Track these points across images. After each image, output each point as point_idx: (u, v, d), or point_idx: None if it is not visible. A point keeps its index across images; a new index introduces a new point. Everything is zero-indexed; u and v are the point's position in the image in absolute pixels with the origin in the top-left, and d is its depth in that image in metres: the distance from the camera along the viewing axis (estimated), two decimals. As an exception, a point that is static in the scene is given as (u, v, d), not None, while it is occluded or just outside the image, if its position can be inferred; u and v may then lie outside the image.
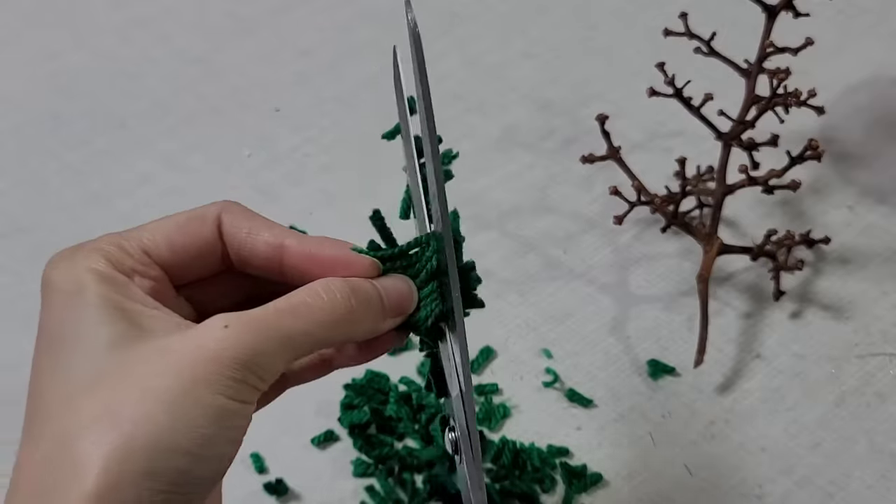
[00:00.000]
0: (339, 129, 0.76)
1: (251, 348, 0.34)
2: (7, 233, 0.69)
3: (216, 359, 0.33)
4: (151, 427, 0.32)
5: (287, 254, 0.38)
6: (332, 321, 0.36)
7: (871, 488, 0.55)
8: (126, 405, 0.32)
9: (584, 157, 0.62)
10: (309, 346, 0.36)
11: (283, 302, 0.36)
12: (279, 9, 0.85)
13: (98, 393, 0.33)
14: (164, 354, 0.34)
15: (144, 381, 0.33)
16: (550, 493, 0.55)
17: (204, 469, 0.33)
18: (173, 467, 0.32)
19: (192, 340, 0.34)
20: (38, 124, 0.77)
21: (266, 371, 0.34)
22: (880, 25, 0.80)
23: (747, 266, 0.64)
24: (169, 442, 0.32)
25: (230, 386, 0.33)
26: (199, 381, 0.33)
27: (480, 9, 0.84)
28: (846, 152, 0.71)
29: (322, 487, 0.56)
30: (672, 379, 0.60)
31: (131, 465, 0.32)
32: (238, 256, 0.39)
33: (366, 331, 0.38)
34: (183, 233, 0.38)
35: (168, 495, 0.32)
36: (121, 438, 0.32)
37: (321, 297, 0.36)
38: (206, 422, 0.33)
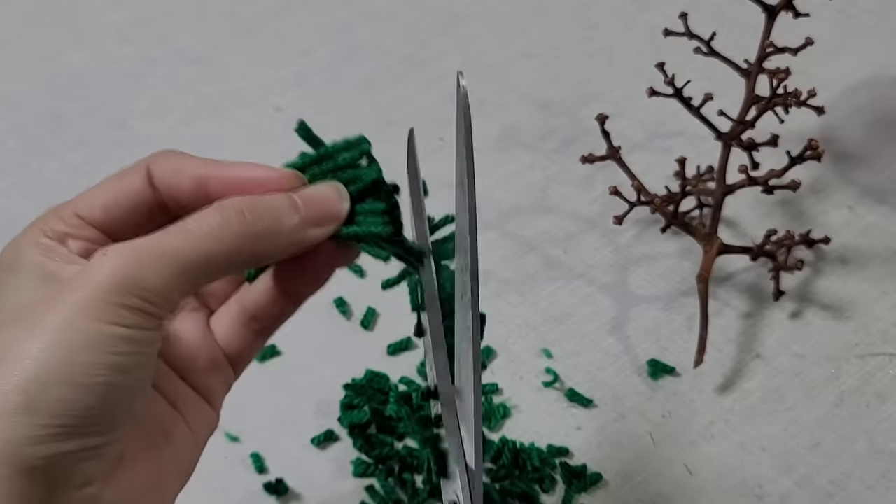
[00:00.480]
0: (339, 128, 0.75)
1: (131, 272, 0.33)
2: (7, 233, 0.69)
3: (93, 284, 0.33)
4: (27, 362, 0.32)
5: (210, 185, 0.38)
6: (227, 237, 0.35)
7: (870, 488, 0.55)
8: (15, 346, 0.32)
9: (584, 157, 0.62)
10: (206, 264, 0.35)
11: (174, 225, 0.35)
12: (279, 9, 0.85)
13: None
14: (56, 293, 0.33)
15: (34, 319, 0.33)
16: (550, 493, 0.55)
17: (93, 399, 0.32)
18: (52, 399, 0.31)
19: (77, 274, 0.34)
20: (38, 124, 0.77)
21: (155, 294, 0.33)
22: (880, 25, 0.80)
23: (747, 266, 0.64)
24: (45, 374, 0.32)
25: (110, 311, 0.32)
26: (76, 308, 0.32)
27: (480, 9, 0.84)
28: (846, 152, 0.71)
29: (322, 487, 0.56)
30: (672, 379, 0.60)
31: (6, 401, 0.31)
32: (171, 200, 0.38)
33: (282, 242, 0.37)
34: (114, 189, 0.39)
35: (52, 429, 0.32)
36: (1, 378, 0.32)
37: (213, 215, 0.35)
38: (84, 348, 0.32)
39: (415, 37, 0.82)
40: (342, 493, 0.56)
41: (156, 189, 0.38)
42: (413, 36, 0.82)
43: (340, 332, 0.63)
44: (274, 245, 0.37)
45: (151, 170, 0.39)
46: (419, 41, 0.81)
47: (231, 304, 0.41)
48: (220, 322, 0.41)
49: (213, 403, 0.40)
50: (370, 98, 0.77)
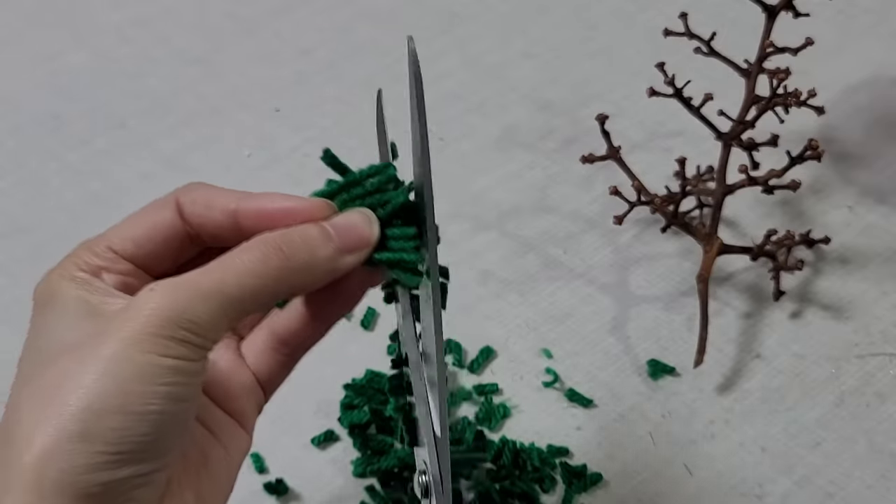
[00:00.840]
0: (339, 129, 0.76)
1: (179, 306, 0.34)
2: (7, 233, 0.69)
3: (142, 318, 0.34)
4: (84, 390, 0.33)
5: (241, 216, 0.39)
6: (266, 272, 0.36)
7: (870, 488, 0.55)
8: (67, 377, 0.33)
9: (584, 157, 0.62)
10: (248, 298, 0.36)
11: (216, 262, 0.36)
12: (279, 9, 0.85)
13: (46, 373, 0.34)
14: (105, 326, 0.35)
15: (84, 351, 0.34)
16: (550, 493, 0.55)
17: (142, 427, 0.33)
18: (106, 427, 0.33)
19: (126, 308, 0.35)
20: (38, 124, 0.77)
21: (201, 327, 0.34)
22: (880, 25, 0.80)
23: (747, 266, 0.64)
24: (99, 403, 0.33)
25: (160, 343, 0.34)
26: (127, 341, 0.33)
27: (480, 9, 0.84)
28: (846, 152, 0.71)
29: (322, 487, 0.56)
30: (672, 379, 0.60)
31: (63, 430, 0.32)
32: (204, 232, 0.39)
33: (320, 272, 0.38)
34: (144, 223, 0.39)
35: (108, 456, 0.33)
36: (55, 406, 0.33)
37: (253, 251, 0.36)
38: (137, 379, 0.33)
39: (415, 37, 0.81)
40: (342, 493, 0.56)
41: (187, 222, 0.39)
42: (413, 36, 0.82)
43: (340, 332, 0.63)
44: (311, 276, 0.38)
45: (181, 203, 0.39)
46: (419, 41, 0.81)
47: (261, 329, 0.42)
48: (251, 347, 0.42)
49: (245, 427, 0.41)
50: (370, 98, 0.77)
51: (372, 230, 0.39)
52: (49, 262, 0.68)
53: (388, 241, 0.40)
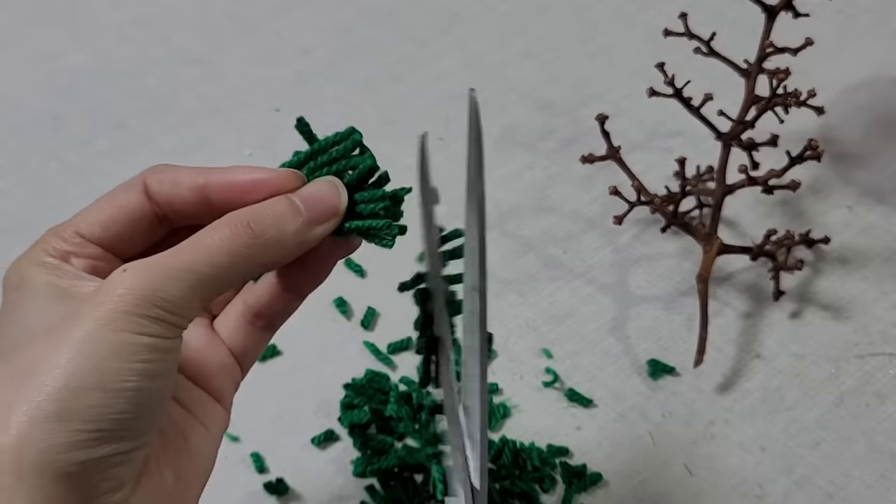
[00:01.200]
0: (339, 129, 0.75)
1: (151, 285, 0.34)
2: (7, 233, 0.69)
3: (116, 298, 0.34)
4: (60, 371, 0.33)
5: (210, 191, 0.39)
6: (237, 249, 0.36)
7: (870, 488, 0.55)
8: (41, 359, 0.34)
9: (584, 157, 0.62)
10: (217, 275, 0.36)
11: (187, 241, 0.36)
12: (279, 9, 0.85)
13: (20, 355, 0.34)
14: (77, 308, 0.35)
15: (57, 334, 0.34)
16: (550, 492, 0.55)
17: (123, 404, 0.33)
18: (84, 405, 0.33)
19: (97, 290, 0.35)
20: (39, 124, 0.77)
21: (175, 305, 0.35)
22: (880, 25, 0.80)
23: (747, 266, 0.64)
24: (76, 382, 0.33)
25: (134, 321, 0.34)
26: (101, 321, 0.34)
27: (480, 9, 0.84)
28: (846, 152, 0.71)
29: (322, 487, 0.56)
30: (672, 379, 0.60)
31: (40, 411, 0.33)
32: (172, 211, 0.39)
33: (290, 246, 0.38)
34: (111, 207, 0.39)
35: (88, 434, 0.33)
36: (30, 388, 0.33)
37: (222, 230, 0.37)
38: (112, 357, 0.33)
39: (415, 37, 0.82)
40: (342, 493, 0.56)
41: (154, 202, 0.39)
42: (413, 36, 0.82)
43: (340, 332, 0.63)
44: (281, 251, 0.38)
45: (148, 184, 0.39)
46: (419, 41, 0.81)
47: (235, 303, 0.42)
48: (226, 322, 0.42)
49: (223, 402, 0.41)
50: (370, 98, 0.77)
51: (340, 198, 0.39)
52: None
53: (358, 206, 0.39)
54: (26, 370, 0.34)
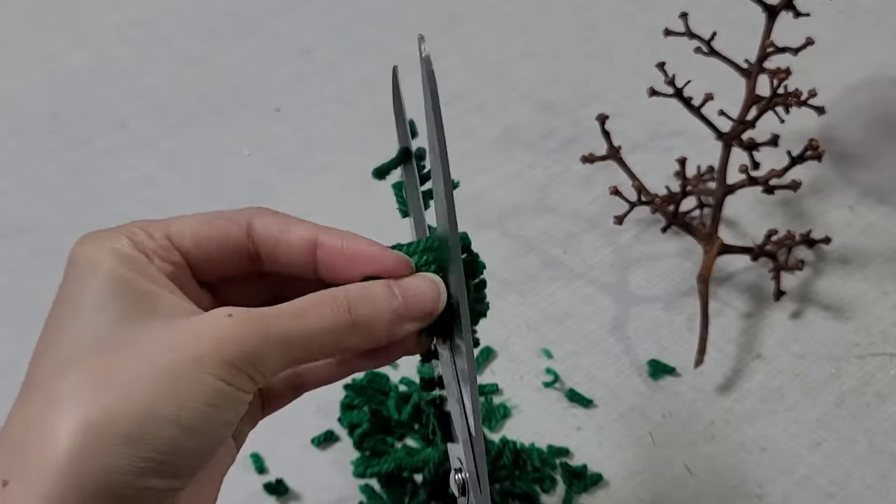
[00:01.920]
0: (339, 129, 0.76)
1: (250, 340, 0.34)
2: (7, 233, 0.69)
3: (217, 341, 0.34)
4: (142, 394, 0.33)
5: (320, 248, 0.39)
6: (331, 328, 0.36)
7: (871, 488, 0.54)
8: (120, 372, 0.33)
9: (584, 157, 0.62)
10: (308, 349, 0.36)
11: (289, 305, 0.36)
12: (279, 9, 0.85)
13: (96, 359, 0.34)
14: (167, 332, 0.34)
15: (143, 352, 0.34)
16: (550, 493, 0.55)
17: (189, 442, 0.33)
18: (159, 435, 0.33)
19: (196, 323, 0.35)
20: (38, 124, 0.77)
21: (263, 364, 0.35)
22: (880, 25, 0.80)
23: (747, 266, 0.64)
24: (159, 410, 0.33)
25: (226, 370, 0.34)
26: (198, 360, 0.34)
27: (480, 9, 0.84)
28: (846, 152, 0.71)
29: (322, 487, 0.56)
30: (672, 379, 0.60)
31: (112, 428, 0.32)
32: (271, 254, 0.39)
33: (379, 337, 0.38)
34: (208, 227, 0.39)
35: (151, 463, 0.33)
36: (106, 401, 0.32)
37: (324, 304, 0.37)
38: (199, 397, 0.33)
39: (415, 37, 0.82)
40: (342, 493, 0.56)
41: (254, 242, 0.39)
42: (413, 36, 0.81)
43: (340, 332, 0.63)
44: (371, 339, 0.38)
45: (254, 223, 0.39)
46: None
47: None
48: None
49: (238, 441, 0.41)
50: (370, 98, 0.77)
51: (438, 300, 0.39)
52: (50, 261, 0.68)
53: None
54: (100, 378, 0.33)
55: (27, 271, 0.67)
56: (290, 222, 0.39)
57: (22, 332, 0.62)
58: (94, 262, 0.36)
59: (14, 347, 0.63)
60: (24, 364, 0.36)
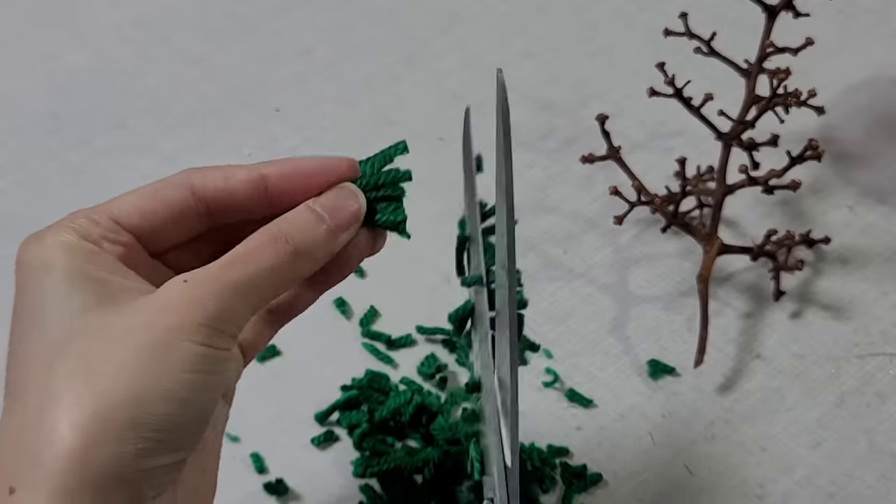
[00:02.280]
0: (339, 129, 0.76)
1: (212, 298, 0.35)
2: (7, 232, 0.69)
3: (183, 308, 0.35)
4: (132, 377, 0.33)
5: (270, 182, 0.40)
6: (277, 264, 0.37)
7: (871, 488, 0.55)
8: (103, 360, 0.33)
9: (584, 157, 0.62)
10: (266, 289, 0.37)
11: (233, 253, 0.37)
12: (279, 9, 0.85)
13: (73, 352, 0.34)
14: (134, 313, 0.35)
15: (117, 337, 0.34)
16: (550, 493, 0.55)
17: (188, 413, 0.34)
18: (159, 413, 0.33)
19: (158, 296, 0.35)
20: (38, 124, 0.77)
21: (233, 317, 0.36)
22: (881, 25, 0.80)
23: (747, 266, 0.64)
24: (152, 389, 0.33)
25: (201, 333, 0.34)
26: (171, 331, 0.34)
27: (480, 9, 0.84)
28: (846, 152, 0.71)
29: (322, 487, 0.56)
30: (672, 379, 0.60)
31: (115, 415, 0.32)
32: (218, 206, 0.40)
33: (321, 255, 0.39)
34: (152, 199, 0.39)
35: (156, 444, 0.33)
36: (100, 391, 0.33)
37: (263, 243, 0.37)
38: (183, 367, 0.34)
39: (415, 37, 0.82)
40: (342, 493, 0.56)
41: (201, 199, 0.40)
42: (413, 36, 0.82)
43: (340, 332, 0.63)
44: (314, 261, 0.39)
45: (194, 180, 0.40)
46: (419, 41, 0.81)
47: None
48: None
49: (228, 396, 0.41)
50: (370, 98, 0.77)
51: (360, 204, 0.40)
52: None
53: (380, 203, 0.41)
54: (85, 369, 0.33)
55: (27, 271, 0.67)
56: (229, 169, 0.40)
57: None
58: (44, 260, 0.36)
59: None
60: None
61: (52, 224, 0.38)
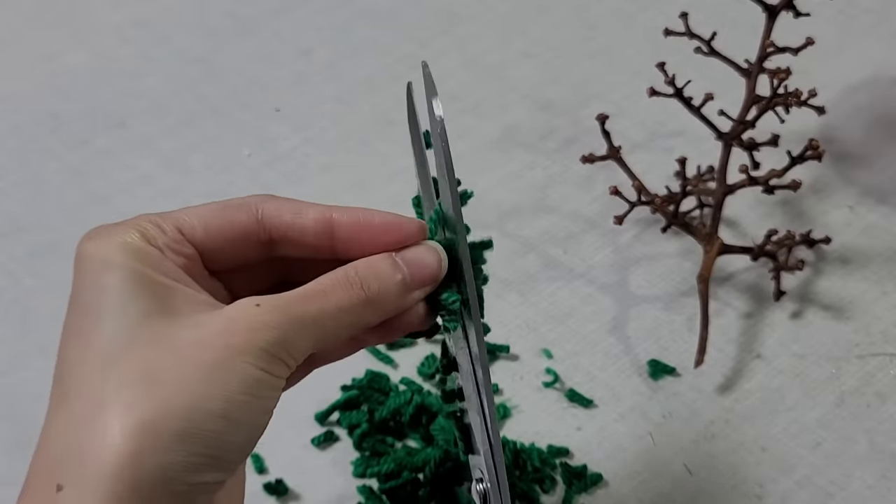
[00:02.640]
0: (339, 129, 0.76)
1: (281, 326, 0.35)
2: (7, 233, 0.69)
3: (250, 331, 0.34)
4: (188, 390, 0.33)
5: (337, 225, 0.39)
6: (348, 306, 0.37)
7: (871, 488, 0.54)
8: (162, 370, 0.33)
9: (585, 157, 0.62)
10: (332, 329, 0.37)
11: (309, 288, 0.37)
12: (279, 9, 0.85)
13: (133, 358, 0.34)
14: (198, 327, 0.35)
15: (179, 349, 0.34)
16: (550, 493, 0.55)
17: (237, 435, 0.34)
18: (209, 430, 0.33)
19: (225, 314, 0.35)
20: (38, 124, 0.77)
21: (294, 349, 0.36)
22: (880, 25, 0.80)
23: (748, 266, 0.64)
24: (206, 405, 0.33)
25: (262, 358, 0.34)
26: (234, 351, 0.34)
27: (480, 9, 0.84)
28: (846, 152, 0.71)
29: (322, 487, 0.56)
30: (672, 379, 0.59)
31: (166, 426, 0.32)
32: (284, 239, 0.40)
33: (389, 309, 0.39)
34: (219, 216, 0.39)
35: (203, 459, 0.33)
36: (156, 400, 0.33)
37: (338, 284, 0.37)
38: (240, 388, 0.34)
39: (415, 37, 0.82)
40: (342, 493, 0.56)
41: (266, 228, 0.39)
42: (413, 36, 0.82)
43: (340, 332, 0.63)
44: (384, 311, 0.39)
45: (262, 209, 0.39)
46: (419, 41, 0.81)
47: None
48: None
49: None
50: (370, 98, 0.77)
51: (441, 264, 0.40)
52: (49, 261, 0.68)
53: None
54: (143, 377, 0.33)
55: (26, 271, 0.67)
56: (301, 206, 0.40)
57: (21, 331, 0.63)
58: (107, 257, 0.36)
59: (13, 347, 0.63)
60: (24, 363, 0.36)
61: (118, 223, 0.38)
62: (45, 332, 0.62)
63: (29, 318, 0.63)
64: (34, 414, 0.37)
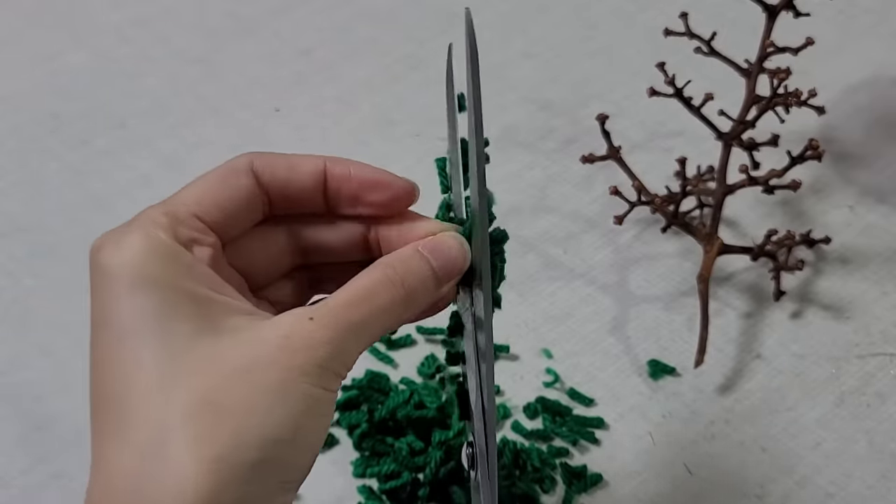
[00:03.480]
0: (339, 129, 0.76)
1: (337, 339, 0.34)
2: (7, 232, 0.69)
3: (308, 349, 0.33)
4: (257, 419, 0.32)
5: (329, 178, 0.38)
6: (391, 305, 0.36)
7: (871, 488, 0.54)
8: (224, 396, 0.32)
9: (584, 157, 0.62)
10: (379, 330, 0.36)
11: (352, 291, 0.36)
12: (279, 9, 0.85)
13: (189, 384, 0.32)
14: (250, 345, 0.33)
15: (238, 372, 0.33)
16: (550, 493, 0.55)
17: (305, 457, 0.34)
18: (281, 457, 0.32)
19: (278, 331, 0.34)
20: (38, 124, 0.77)
21: (349, 360, 0.35)
22: (880, 25, 0.80)
23: (747, 266, 0.64)
24: (276, 433, 0.32)
25: (322, 376, 0.34)
26: (296, 372, 0.33)
27: (480, 9, 0.84)
28: (846, 152, 0.71)
29: (322, 487, 0.56)
30: (672, 379, 0.59)
31: (240, 458, 0.32)
32: (281, 196, 0.38)
33: (424, 304, 0.38)
34: (225, 188, 0.37)
35: (276, 485, 0.32)
36: (227, 431, 0.32)
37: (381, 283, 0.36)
38: (305, 411, 0.33)
39: (415, 37, 0.82)
40: (342, 493, 0.56)
41: (264, 188, 0.38)
42: (413, 36, 0.82)
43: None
44: (418, 308, 0.38)
45: (257, 168, 0.38)
46: (419, 41, 0.81)
47: None
48: None
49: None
50: (370, 98, 0.77)
51: (467, 255, 0.39)
52: (49, 261, 0.68)
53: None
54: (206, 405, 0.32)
55: (26, 271, 0.66)
56: (293, 159, 0.39)
57: (21, 331, 0.62)
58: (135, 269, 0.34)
59: (13, 347, 0.63)
60: (24, 363, 0.35)
61: (132, 223, 0.35)
62: (45, 332, 0.62)
63: (29, 318, 0.63)
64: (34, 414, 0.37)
